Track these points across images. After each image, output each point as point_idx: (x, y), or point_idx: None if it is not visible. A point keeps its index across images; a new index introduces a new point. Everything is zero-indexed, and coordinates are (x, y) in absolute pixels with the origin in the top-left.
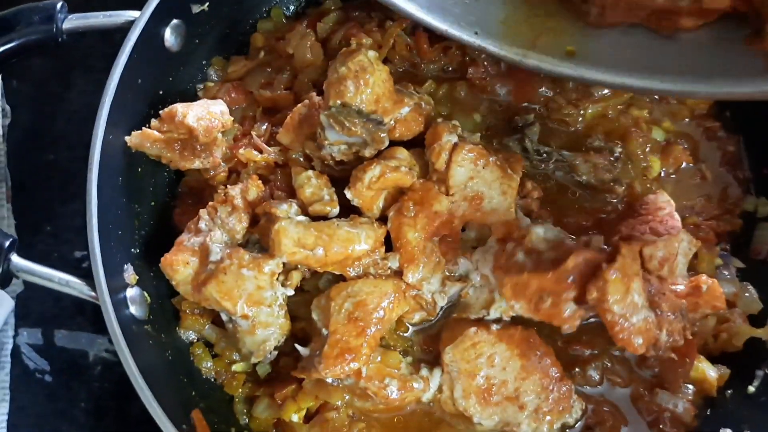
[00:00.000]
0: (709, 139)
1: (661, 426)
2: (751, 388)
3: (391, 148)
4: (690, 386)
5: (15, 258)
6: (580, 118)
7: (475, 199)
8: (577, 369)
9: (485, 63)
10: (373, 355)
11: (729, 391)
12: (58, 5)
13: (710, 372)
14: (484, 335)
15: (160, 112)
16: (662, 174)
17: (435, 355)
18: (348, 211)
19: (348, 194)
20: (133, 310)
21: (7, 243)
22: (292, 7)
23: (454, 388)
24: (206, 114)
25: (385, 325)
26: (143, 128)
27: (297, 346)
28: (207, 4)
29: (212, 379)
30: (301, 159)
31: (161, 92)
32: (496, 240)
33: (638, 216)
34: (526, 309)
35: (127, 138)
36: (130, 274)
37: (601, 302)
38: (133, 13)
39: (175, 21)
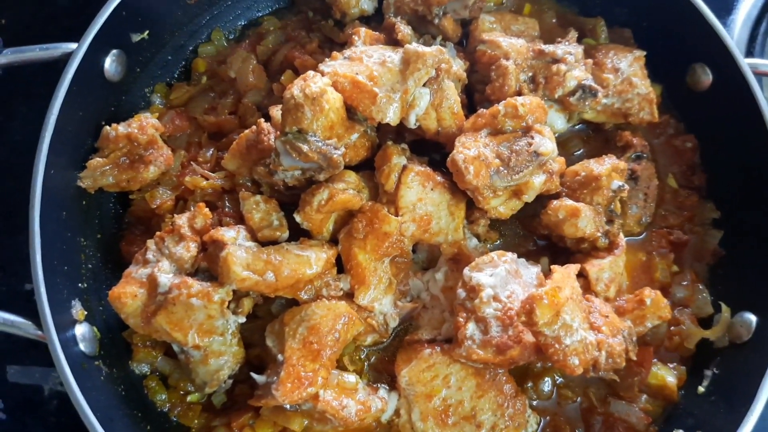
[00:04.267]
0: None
1: None
2: (701, 388)
3: (340, 171)
4: (644, 395)
5: None
6: None
7: (423, 220)
8: (530, 383)
9: None
10: (330, 378)
11: (681, 392)
12: None
13: (669, 378)
14: (439, 356)
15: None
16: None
17: (390, 377)
18: (299, 234)
19: (297, 218)
20: (82, 346)
21: None
22: (232, 30)
23: (411, 411)
24: (133, 120)
25: (340, 347)
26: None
27: (252, 374)
28: (147, 32)
29: (167, 412)
30: (249, 184)
31: (103, 122)
32: (445, 261)
33: None
34: None
35: (80, 183)
36: (77, 309)
37: (529, 325)
38: (70, 45)
39: (114, 51)
